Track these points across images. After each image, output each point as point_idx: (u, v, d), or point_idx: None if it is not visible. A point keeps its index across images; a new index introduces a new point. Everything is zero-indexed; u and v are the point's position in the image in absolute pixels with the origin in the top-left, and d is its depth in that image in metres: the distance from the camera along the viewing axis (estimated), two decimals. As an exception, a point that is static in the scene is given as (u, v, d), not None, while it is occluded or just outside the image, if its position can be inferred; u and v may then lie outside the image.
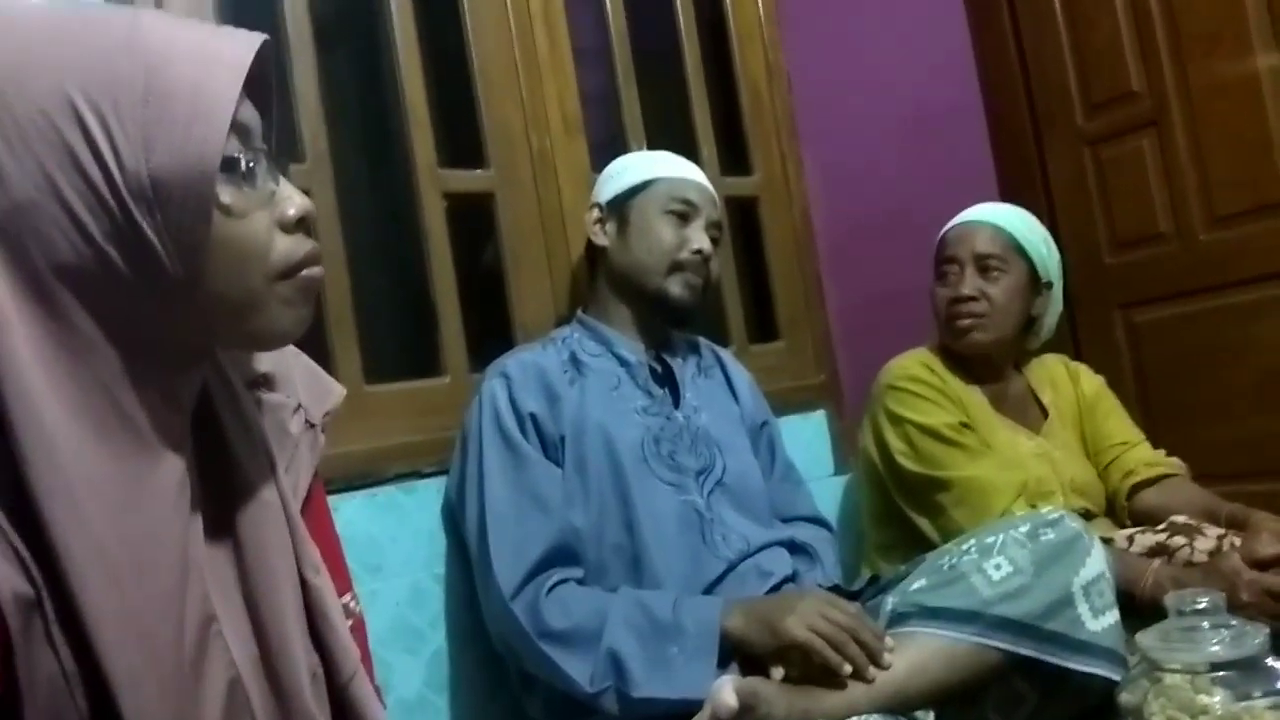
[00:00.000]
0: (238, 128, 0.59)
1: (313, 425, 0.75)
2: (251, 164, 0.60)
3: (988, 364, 1.67)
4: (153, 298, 0.58)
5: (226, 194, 0.59)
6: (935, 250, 1.69)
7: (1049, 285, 1.67)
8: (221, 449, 0.66)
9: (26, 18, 0.57)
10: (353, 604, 0.77)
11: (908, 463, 1.57)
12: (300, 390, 0.75)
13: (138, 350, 0.59)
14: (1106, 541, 1.41)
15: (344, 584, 0.78)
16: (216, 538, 0.65)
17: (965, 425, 1.58)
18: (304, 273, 0.64)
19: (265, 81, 0.63)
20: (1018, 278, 1.63)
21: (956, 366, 1.66)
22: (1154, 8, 2.13)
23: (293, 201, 0.63)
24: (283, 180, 0.63)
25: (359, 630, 0.77)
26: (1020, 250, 1.63)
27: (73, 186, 0.54)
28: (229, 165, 0.58)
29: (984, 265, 1.61)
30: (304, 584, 0.68)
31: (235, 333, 0.64)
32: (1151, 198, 2.15)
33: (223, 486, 0.66)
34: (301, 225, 0.63)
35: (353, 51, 1.72)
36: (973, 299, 1.60)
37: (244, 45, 0.59)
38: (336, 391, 0.80)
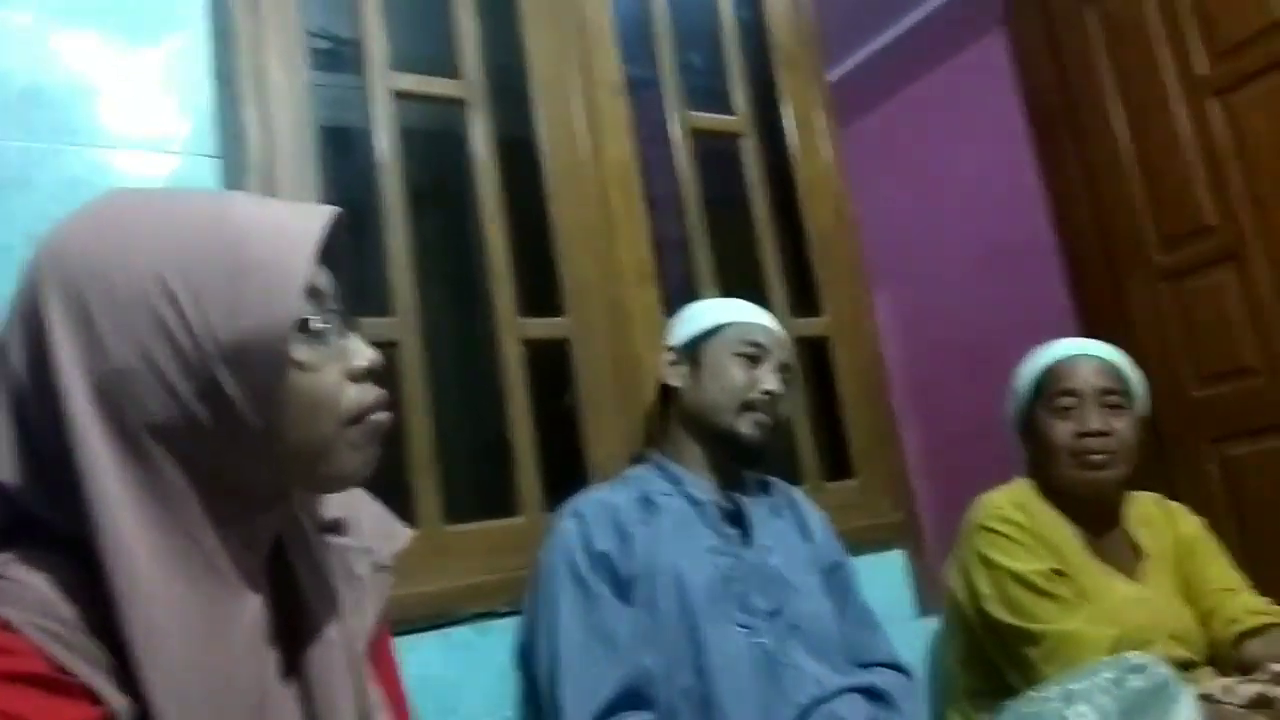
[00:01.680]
0: (311, 292, 0.66)
1: (381, 567, 0.79)
2: (324, 323, 0.67)
3: (1096, 505, 1.61)
4: (234, 448, 0.64)
5: (300, 351, 0.65)
6: (1040, 382, 1.64)
7: (1141, 421, 1.63)
8: (292, 589, 0.71)
9: (131, 206, 0.66)
10: (414, 745, 0.80)
11: (997, 610, 1.51)
12: (368, 533, 0.80)
13: (220, 496, 0.64)
14: (1206, 699, 1.33)
15: (406, 725, 0.80)
16: (286, 676, 0.69)
17: (1059, 572, 1.51)
18: (371, 418, 0.70)
19: (339, 249, 0.71)
20: (1133, 414, 1.60)
21: (1054, 505, 1.61)
22: (1224, 147, 2.15)
23: (361, 354, 0.70)
24: (352, 335, 0.70)
25: (419, 771, 0.79)
26: (1128, 385, 1.61)
27: (164, 354, 0.61)
28: (303, 326, 0.65)
29: (1107, 401, 1.58)
30: (367, 726, 0.71)
31: (308, 476, 0.69)
32: (1235, 330, 2.13)
33: (293, 626, 0.70)
34: (370, 375, 0.70)
35: (441, 211, 1.85)
36: (1104, 434, 1.56)
37: (317, 220, 0.67)
38: (403, 534, 0.84)
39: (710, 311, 1.58)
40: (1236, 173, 2.13)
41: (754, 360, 1.50)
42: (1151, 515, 1.69)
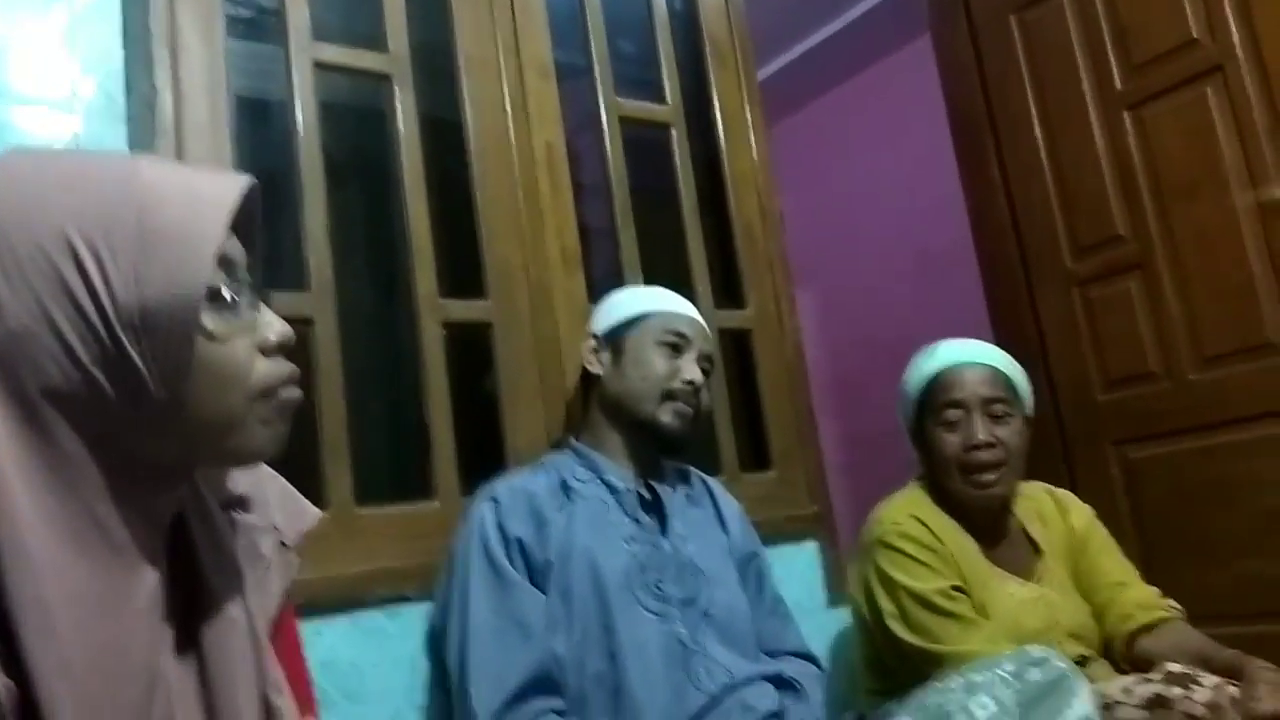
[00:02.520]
0: (223, 261, 0.63)
1: (286, 546, 0.77)
2: (235, 294, 0.64)
3: (988, 514, 1.63)
4: (137, 418, 0.61)
5: (210, 321, 0.63)
6: (927, 392, 1.64)
7: (1030, 422, 1.66)
8: (192, 566, 0.68)
9: (34, 165, 0.63)
10: (316, 728, 0.78)
11: (899, 628, 1.53)
12: (275, 512, 0.78)
13: (120, 468, 0.62)
14: (1107, 707, 1.37)
15: (307, 707, 0.78)
16: (182, 652, 0.67)
17: (958, 589, 1.53)
18: (281, 393, 0.67)
19: (252, 219, 0.68)
20: (1020, 420, 1.61)
21: (950, 511, 1.62)
22: (1135, 157, 2.22)
23: (272, 327, 0.67)
24: (264, 307, 0.67)
25: (321, 755, 0.77)
26: (1014, 390, 1.62)
27: (66, 316, 0.58)
28: (213, 295, 0.63)
29: (992, 410, 1.58)
30: (266, 704, 0.69)
31: (214, 451, 0.67)
32: (1141, 337, 2.20)
33: (191, 602, 0.68)
34: (281, 349, 0.67)
35: (362, 187, 1.81)
36: (990, 445, 1.56)
37: (231, 187, 0.64)
38: (311, 513, 0.82)
39: (634, 300, 1.58)
40: (1146, 185, 2.21)
41: (676, 350, 1.51)
42: (1044, 508, 1.71)
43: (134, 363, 0.60)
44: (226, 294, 0.64)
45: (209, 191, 0.63)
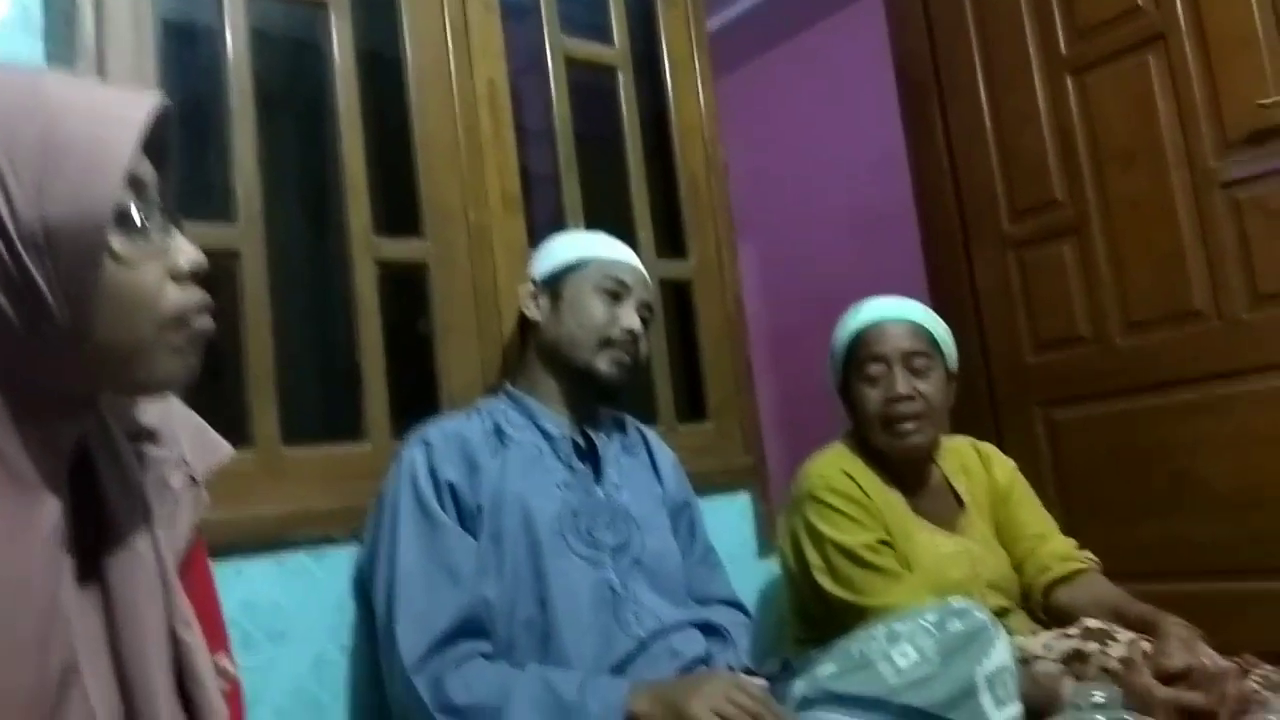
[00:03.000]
0: (133, 182, 0.61)
1: (196, 481, 0.75)
2: (145, 217, 0.61)
3: (911, 466, 1.66)
4: (40, 343, 0.59)
5: (118, 243, 0.60)
6: (851, 348, 1.66)
7: (954, 376, 1.68)
8: (96, 497, 0.66)
9: None
10: (228, 665, 0.76)
11: (825, 581, 1.55)
12: (185, 446, 0.75)
13: (21, 394, 0.59)
14: (1025, 663, 1.40)
15: (219, 643, 0.76)
16: (85, 585, 0.65)
17: (884, 542, 1.56)
18: (193, 322, 0.65)
19: (166, 141, 0.65)
20: (941, 373, 1.64)
21: (876, 466, 1.65)
22: (1076, 125, 2.24)
23: (184, 253, 0.64)
24: (177, 233, 0.65)
25: (234, 693, 0.76)
26: (936, 344, 1.65)
27: None
28: (122, 217, 0.60)
29: (913, 364, 1.61)
30: (174, 639, 0.67)
31: (122, 379, 0.65)
32: (1072, 302, 2.24)
33: (95, 535, 0.66)
34: (193, 276, 0.65)
35: (295, 118, 1.74)
36: (909, 398, 1.59)
37: (141, 105, 0.61)
38: (223, 449, 0.80)
39: (574, 245, 1.55)
40: (1085, 151, 2.23)
41: (615, 297, 1.49)
42: (968, 462, 1.75)
43: (37, 284, 0.57)
44: (136, 216, 0.61)
45: (118, 108, 0.60)
